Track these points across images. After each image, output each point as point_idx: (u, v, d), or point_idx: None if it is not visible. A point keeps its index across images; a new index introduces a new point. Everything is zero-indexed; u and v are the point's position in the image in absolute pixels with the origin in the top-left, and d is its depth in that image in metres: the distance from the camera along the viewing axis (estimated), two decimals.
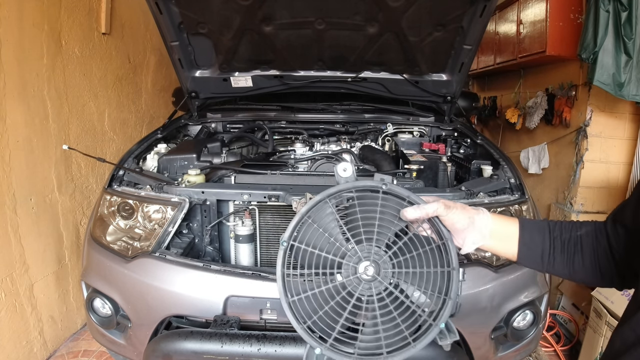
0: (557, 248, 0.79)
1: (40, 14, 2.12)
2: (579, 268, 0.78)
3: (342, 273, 0.79)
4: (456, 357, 1.26)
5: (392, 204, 0.80)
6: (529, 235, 0.81)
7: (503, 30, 3.61)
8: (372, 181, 0.81)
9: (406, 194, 0.80)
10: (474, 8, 1.70)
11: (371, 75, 2.19)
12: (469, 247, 0.80)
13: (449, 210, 0.78)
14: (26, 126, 2.05)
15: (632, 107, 2.63)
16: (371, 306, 0.79)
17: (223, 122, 2.41)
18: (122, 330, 1.56)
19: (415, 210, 0.77)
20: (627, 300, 2.05)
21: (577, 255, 0.78)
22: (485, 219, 0.80)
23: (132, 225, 1.61)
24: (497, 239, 0.81)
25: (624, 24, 2.23)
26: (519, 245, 0.81)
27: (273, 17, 1.76)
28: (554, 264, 0.79)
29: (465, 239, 0.80)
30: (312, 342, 0.80)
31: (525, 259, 0.81)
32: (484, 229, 0.79)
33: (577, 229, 0.80)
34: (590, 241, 0.78)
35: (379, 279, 0.78)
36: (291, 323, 0.80)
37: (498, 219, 0.81)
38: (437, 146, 2.14)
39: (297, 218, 0.81)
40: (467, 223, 0.79)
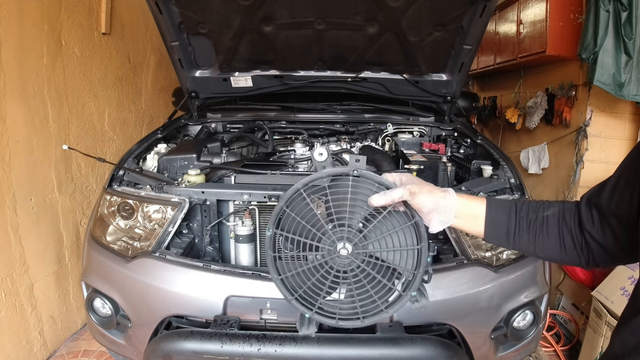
0: (522, 227, 0.83)
1: (40, 14, 2.11)
2: (543, 246, 0.82)
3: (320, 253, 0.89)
4: (456, 357, 1.26)
5: (365, 185, 0.86)
6: (495, 215, 0.84)
7: (503, 30, 3.61)
8: (342, 168, 0.89)
9: (377, 179, 0.86)
10: (474, 8, 1.70)
11: (371, 75, 2.19)
12: (436, 227, 0.85)
13: (414, 196, 0.82)
14: (26, 126, 2.05)
15: (632, 107, 2.63)
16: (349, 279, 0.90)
17: (223, 122, 2.41)
18: (122, 330, 1.56)
19: (381, 197, 0.83)
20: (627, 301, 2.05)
21: (542, 234, 0.81)
22: (451, 200, 0.84)
23: (132, 225, 1.61)
24: (464, 219, 0.85)
25: (624, 24, 2.23)
26: (485, 223, 0.85)
27: (273, 17, 1.76)
28: (519, 242, 0.83)
29: (432, 219, 0.84)
30: (302, 309, 0.93)
31: (492, 237, 0.86)
32: (449, 211, 0.84)
33: (543, 209, 0.83)
34: (556, 221, 0.81)
35: (352, 258, 0.88)
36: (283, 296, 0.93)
37: (465, 200, 0.86)
38: (437, 146, 2.14)
39: (276, 209, 0.90)
40: (433, 206, 0.83)
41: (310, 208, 0.88)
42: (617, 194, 0.72)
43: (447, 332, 1.47)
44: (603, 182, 0.77)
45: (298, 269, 0.91)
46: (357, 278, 0.89)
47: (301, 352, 1.23)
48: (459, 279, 1.43)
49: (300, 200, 0.89)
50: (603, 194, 0.75)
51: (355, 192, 0.86)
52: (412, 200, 0.83)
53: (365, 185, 0.86)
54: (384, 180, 0.86)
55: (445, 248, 1.60)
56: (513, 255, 1.54)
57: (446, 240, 1.60)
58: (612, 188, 0.74)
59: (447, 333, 1.47)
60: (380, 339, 1.27)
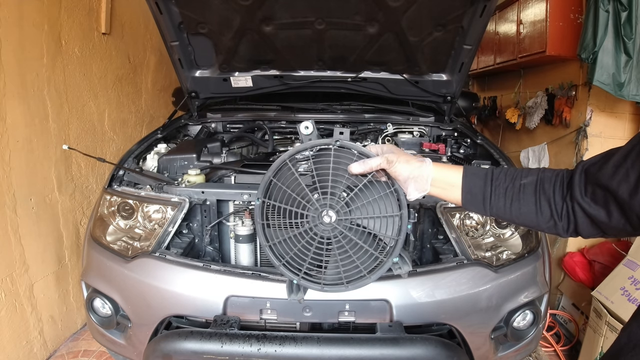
0: (498, 195, 0.84)
1: (40, 14, 2.11)
2: (519, 213, 0.83)
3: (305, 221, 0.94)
4: (456, 357, 1.26)
5: (347, 156, 0.91)
6: (471, 181, 0.86)
7: (503, 30, 3.61)
8: (325, 139, 0.93)
9: (356, 148, 0.91)
10: (474, 8, 1.70)
11: (371, 75, 2.19)
12: (413, 194, 0.88)
13: (392, 164, 0.86)
14: (26, 126, 2.05)
15: (632, 107, 2.63)
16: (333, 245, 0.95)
17: (223, 122, 2.41)
18: (122, 330, 1.56)
19: (359, 165, 0.87)
20: (627, 301, 2.05)
21: (518, 201, 0.82)
22: (428, 169, 0.87)
23: (132, 225, 1.61)
24: (441, 187, 0.88)
25: (623, 24, 2.23)
26: (462, 191, 0.87)
27: (273, 17, 1.76)
28: (495, 208, 0.85)
29: (408, 187, 0.88)
30: (289, 275, 0.99)
31: (468, 204, 0.88)
32: (426, 179, 0.87)
33: (520, 177, 0.83)
34: (532, 190, 0.81)
35: (335, 225, 0.93)
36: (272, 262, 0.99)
37: (441, 169, 0.88)
38: (437, 146, 2.14)
39: (264, 179, 0.95)
40: (409, 174, 0.87)
41: (295, 178, 0.93)
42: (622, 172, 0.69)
43: (447, 332, 1.47)
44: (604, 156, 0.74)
45: (285, 237, 0.96)
46: (340, 244, 0.94)
47: (301, 352, 1.23)
48: (459, 279, 1.43)
49: (286, 171, 0.94)
50: (604, 169, 0.72)
51: (338, 162, 0.90)
52: (390, 168, 0.86)
53: (348, 155, 0.91)
54: (364, 150, 0.90)
55: (445, 248, 1.60)
56: (513, 256, 1.54)
57: (446, 240, 1.60)
58: (616, 165, 0.71)
59: (447, 333, 1.47)
60: (380, 339, 1.27)
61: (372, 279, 0.96)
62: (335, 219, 0.92)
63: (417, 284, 1.40)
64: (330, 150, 0.91)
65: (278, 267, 0.98)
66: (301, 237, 0.95)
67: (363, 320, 1.39)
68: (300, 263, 0.97)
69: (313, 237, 0.95)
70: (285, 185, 0.94)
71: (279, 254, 0.99)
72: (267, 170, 0.95)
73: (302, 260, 0.97)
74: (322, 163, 0.92)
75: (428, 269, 1.45)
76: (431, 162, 0.88)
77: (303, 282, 0.98)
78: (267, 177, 0.95)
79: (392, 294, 1.38)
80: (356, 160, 0.89)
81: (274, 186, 0.95)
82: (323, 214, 0.92)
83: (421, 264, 1.62)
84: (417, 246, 1.65)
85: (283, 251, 0.98)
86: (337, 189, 0.91)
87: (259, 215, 0.97)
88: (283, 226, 0.97)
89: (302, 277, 0.98)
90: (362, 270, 0.95)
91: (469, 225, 1.60)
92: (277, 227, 0.97)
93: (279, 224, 0.96)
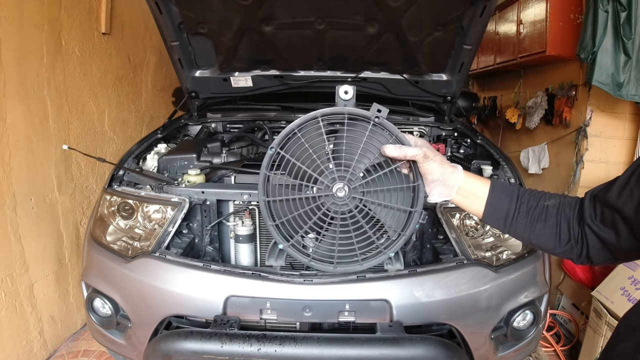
0: (521, 213, 0.84)
1: (40, 14, 2.11)
2: (539, 234, 0.83)
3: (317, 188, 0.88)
4: (456, 357, 1.26)
5: (379, 136, 0.86)
6: (497, 197, 0.85)
7: (503, 30, 3.61)
8: (365, 111, 0.87)
9: (395, 131, 0.86)
10: (474, 8, 1.70)
11: (371, 75, 2.19)
12: (435, 197, 0.86)
13: (427, 160, 0.83)
14: (26, 126, 2.05)
15: (632, 107, 2.63)
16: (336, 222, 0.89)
17: (223, 122, 2.41)
18: (122, 330, 1.56)
19: (395, 149, 0.83)
20: (627, 301, 2.05)
21: (540, 222, 0.82)
22: (458, 176, 0.85)
23: (132, 225, 1.61)
24: (466, 196, 0.86)
25: (623, 24, 2.23)
26: (486, 204, 0.86)
27: (273, 17, 1.76)
28: (516, 226, 0.84)
29: (432, 189, 0.86)
30: (277, 238, 0.92)
31: (490, 218, 0.87)
32: (453, 186, 0.85)
33: (545, 199, 0.84)
34: (555, 211, 0.82)
35: (347, 201, 0.87)
36: (265, 219, 0.92)
37: (470, 178, 0.86)
38: (437, 146, 2.14)
39: (287, 129, 0.88)
40: (439, 176, 0.84)
41: (322, 139, 0.87)
42: (627, 192, 0.73)
43: (447, 332, 1.47)
44: (611, 181, 0.78)
45: (288, 197, 0.89)
46: (344, 222, 0.89)
47: (301, 352, 1.23)
48: (459, 279, 1.43)
49: (314, 129, 0.88)
50: (611, 192, 0.76)
51: (370, 137, 0.85)
52: (423, 164, 0.83)
53: (381, 134, 0.86)
54: (402, 135, 0.85)
55: (445, 248, 1.60)
56: (513, 256, 1.54)
57: (446, 240, 1.60)
58: (622, 186, 0.74)
59: (447, 333, 1.47)
60: (380, 339, 1.27)
61: (364, 267, 0.92)
62: (349, 194, 0.86)
63: (417, 284, 1.40)
64: (366, 124, 0.86)
65: (269, 227, 0.92)
66: (306, 202, 0.89)
67: (363, 320, 1.39)
68: (295, 229, 0.91)
69: (319, 207, 0.88)
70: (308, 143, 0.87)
71: (275, 214, 0.92)
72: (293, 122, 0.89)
73: (298, 227, 0.90)
74: (352, 133, 0.86)
75: (428, 269, 1.45)
76: (462, 170, 0.86)
77: (290, 250, 0.92)
78: (291, 128, 0.88)
79: (392, 294, 1.38)
80: (392, 142, 0.84)
81: (294, 141, 0.88)
82: (337, 187, 0.86)
83: (421, 264, 1.62)
84: (417, 246, 1.65)
85: (281, 212, 0.91)
86: (360, 165, 0.86)
87: (266, 165, 0.89)
88: (291, 187, 0.90)
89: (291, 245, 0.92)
90: (357, 255, 0.91)
91: (468, 225, 1.61)
92: (282, 186, 0.90)
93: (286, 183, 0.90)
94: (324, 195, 0.87)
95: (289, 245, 0.92)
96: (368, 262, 0.91)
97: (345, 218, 0.89)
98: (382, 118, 0.86)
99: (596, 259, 0.80)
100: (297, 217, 0.90)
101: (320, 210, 0.88)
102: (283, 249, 0.93)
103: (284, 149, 0.89)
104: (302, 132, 0.88)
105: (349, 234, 0.90)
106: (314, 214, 0.89)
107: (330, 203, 0.88)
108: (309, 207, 0.88)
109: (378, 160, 0.86)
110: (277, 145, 0.88)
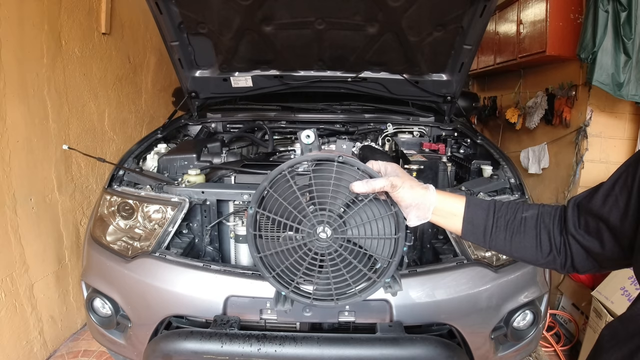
0: (499, 227, 0.84)
1: (40, 14, 2.11)
2: (519, 247, 0.82)
3: (300, 235, 0.91)
4: (456, 357, 1.26)
5: (348, 172, 0.87)
6: (473, 212, 0.85)
7: (503, 30, 3.62)
8: (327, 153, 0.89)
9: (361, 166, 0.87)
10: (474, 8, 1.70)
11: (371, 75, 2.19)
12: (413, 221, 0.86)
13: (396, 188, 0.83)
14: (26, 126, 2.05)
15: (632, 107, 2.63)
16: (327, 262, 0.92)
17: (223, 122, 2.41)
18: (122, 330, 1.56)
19: (362, 185, 0.84)
20: (627, 301, 2.05)
21: (518, 235, 0.82)
22: (431, 197, 0.85)
23: (132, 225, 1.61)
24: (442, 216, 0.87)
25: (623, 24, 2.23)
26: (463, 221, 0.86)
27: (273, 17, 1.76)
28: (495, 240, 0.84)
29: (409, 214, 0.86)
30: (279, 287, 0.95)
31: (469, 235, 0.87)
32: (427, 207, 0.85)
33: (522, 210, 0.84)
34: (534, 223, 0.82)
35: (330, 242, 0.90)
36: (261, 273, 0.95)
37: (444, 197, 0.87)
38: (437, 146, 2.14)
39: (259, 189, 0.91)
40: (412, 201, 0.84)
41: (293, 190, 0.89)
42: (611, 199, 0.72)
43: (447, 332, 1.47)
44: (594, 188, 0.77)
45: (277, 249, 0.93)
46: (334, 262, 0.91)
47: (301, 352, 1.23)
48: (459, 279, 1.43)
49: (284, 182, 0.90)
50: (595, 199, 0.75)
51: (338, 178, 0.87)
52: (393, 193, 0.84)
53: (349, 172, 0.87)
54: (368, 168, 0.87)
55: (445, 248, 1.60)
56: None
57: (446, 240, 1.60)
58: (606, 194, 0.74)
59: (447, 333, 1.47)
60: (380, 339, 1.27)
61: (363, 297, 0.94)
62: (331, 235, 0.89)
63: (417, 284, 1.40)
64: (331, 165, 0.88)
65: (267, 279, 0.95)
66: (294, 251, 0.92)
67: (363, 320, 1.39)
68: (291, 277, 0.94)
69: (307, 252, 0.92)
70: (281, 196, 0.90)
71: (269, 266, 0.96)
72: (263, 179, 0.92)
73: (293, 274, 0.94)
74: (321, 177, 0.88)
75: (428, 269, 1.45)
76: (435, 190, 0.86)
77: (292, 295, 0.95)
78: (263, 187, 0.91)
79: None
80: (359, 178, 0.86)
81: (269, 197, 0.92)
82: (319, 230, 0.89)
83: (421, 264, 1.62)
84: (417, 246, 1.65)
85: (274, 263, 0.95)
86: (335, 205, 0.88)
87: (251, 225, 0.93)
88: (277, 238, 0.93)
89: (292, 291, 0.95)
90: (354, 288, 0.94)
91: None
92: (269, 239, 0.94)
93: (272, 236, 0.93)
94: (308, 241, 0.90)
95: (289, 291, 0.95)
96: (365, 292, 0.93)
97: (334, 257, 0.91)
98: (345, 157, 0.87)
99: (581, 268, 0.79)
100: (289, 265, 0.93)
101: (308, 256, 0.92)
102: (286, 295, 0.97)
103: (262, 206, 0.92)
104: (273, 187, 0.91)
105: (341, 271, 0.92)
106: (304, 259, 0.92)
107: (316, 247, 0.91)
108: (298, 255, 0.92)
109: (351, 197, 0.87)
110: (255, 205, 0.92)
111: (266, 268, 0.95)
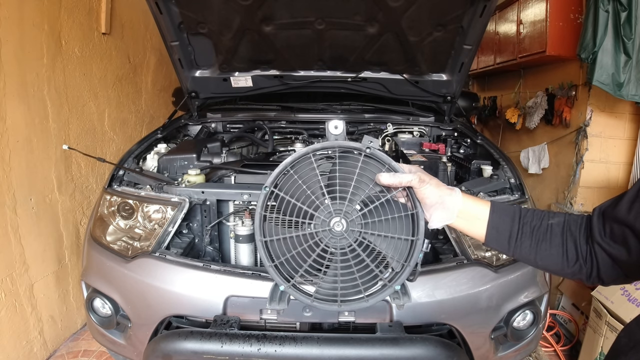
0: (525, 233, 0.81)
1: (40, 14, 2.11)
2: (545, 254, 0.80)
3: (313, 224, 0.85)
4: (456, 357, 1.26)
5: (372, 167, 0.84)
6: (498, 219, 0.82)
7: (503, 30, 3.62)
8: (356, 143, 0.86)
9: (387, 160, 0.84)
10: (474, 8, 1.70)
11: (371, 75, 2.19)
12: (435, 223, 0.83)
13: (423, 184, 0.81)
14: (26, 126, 2.05)
15: (632, 107, 2.63)
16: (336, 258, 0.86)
17: (223, 122, 2.41)
18: (122, 330, 1.56)
19: (389, 177, 0.81)
20: (627, 301, 2.05)
21: (545, 242, 0.79)
22: (456, 199, 0.82)
23: (132, 225, 1.61)
24: (466, 219, 0.83)
25: (623, 24, 2.23)
26: (487, 227, 0.83)
27: (273, 17, 1.76)
28: (520, 248, 0.81)
29: (432, 214, 0.82)
30: (277, 280, 0.88)
31: (493, 241, 0.83)
32: (452, 209, 0.82)
33: (548, 217, 0.81)
34: (560, 230, 0.79)
35: (345, 235, 0.84)
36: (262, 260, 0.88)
37: (469, 200, 0.83)
38: (437, 146, 2.14)
39: (280, 167, 0.86)
40: (437, 200, 0.81)
41: (315, 174, 0.85)
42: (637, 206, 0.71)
43: (447, 332, 1.47)
44: (618, 196, 0.76)
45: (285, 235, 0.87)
46: (344, 258, 0.86)
47: (301, 352, 1.23)
48: (459, 279, 1.43)
49: (306, 165, 0.86)
50: (620, 207, 0.74)
51: (364, 168, 0.84)
52: (419, 188, 0.81)
53: (374, 165, 0.84)
54: (395, 163, 0.84)
55: (445, 248, 1.60)
56: None
57: (446, 240, 1.60)
58: (631, 200, 0.73)
59: (447, 333, 1.47)
60: (380, 339, 1.27)
61: (370, 303, 0.87)
62: (346, 228, 0.84)
63: (417, 283, 1.40)
64: (358, 155, 0.85)
65: (267, 268, 0.88)
66: (304, 239, 0.86)
67: (363, 320, 1.39)
68: (295, 269, 0.87)
69: (317, 243, 0.85)
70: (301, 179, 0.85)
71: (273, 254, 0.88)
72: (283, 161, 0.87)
73: (297, 267, 0.87)
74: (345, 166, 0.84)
75: (428, 269, 1.45)
76: (460, 192, 0.83)
77: (291, 290, 0.88)
78: (284, 165, 0.85)
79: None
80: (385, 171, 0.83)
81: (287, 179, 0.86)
82: (334, 221, 0.83)
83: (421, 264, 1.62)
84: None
85: (279, 251, 0.88)
86: (355, 197, 0.84)
87: (261, 205, 0.87)
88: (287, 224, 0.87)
89: (291, 286, 0.88)
90: (362, 291, 0.87)
91: None
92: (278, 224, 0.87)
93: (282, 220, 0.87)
94: (321, 231, 0.85)
95: (289, 286, 0.88)
96: (374, 297, 0.87)
97: (345, 253, 0.85)
98: (373, 149, 0.84)
99: (607, 278, 0.77)
100: (296, 255, 0.86)
101: (319, 247, 0.85)
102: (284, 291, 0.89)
103: (278, 187, 0.87)
104: (294, 169, 0.86)
105: (351, 269, 0.86)
106: (312, 251, 0.86)
107: (329, 238, 0.85)
108: (307, 245, 0.86)
109: (373, 190, 0.84)
110: (271, 184, 0.86)
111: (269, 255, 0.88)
